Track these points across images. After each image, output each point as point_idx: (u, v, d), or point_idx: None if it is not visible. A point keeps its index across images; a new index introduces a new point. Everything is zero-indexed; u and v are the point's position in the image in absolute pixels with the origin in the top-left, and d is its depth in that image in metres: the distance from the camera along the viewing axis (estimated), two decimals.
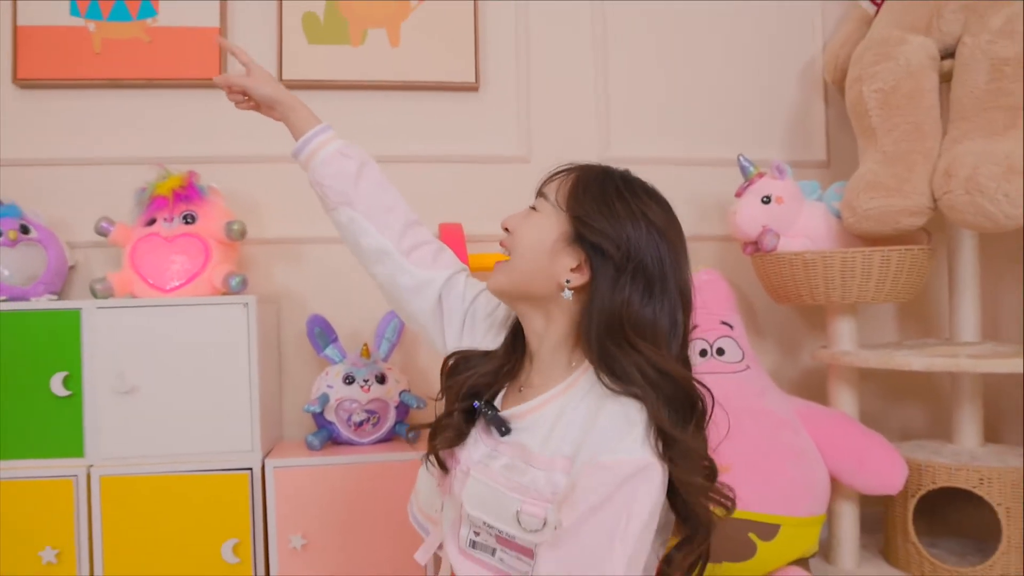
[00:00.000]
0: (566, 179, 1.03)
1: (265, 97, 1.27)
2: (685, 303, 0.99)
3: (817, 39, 2.27)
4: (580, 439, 0.92)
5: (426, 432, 1.11)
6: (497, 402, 1.06)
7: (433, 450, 1.06)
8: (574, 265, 0.98)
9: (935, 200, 1.78)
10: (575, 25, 2.18)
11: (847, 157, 2.20)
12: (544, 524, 0.91)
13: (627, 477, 0.87)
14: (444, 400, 1.10)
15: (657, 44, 2.21)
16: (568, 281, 0.98)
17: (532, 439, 0.97)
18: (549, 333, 1.02)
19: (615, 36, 2.19)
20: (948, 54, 1.90)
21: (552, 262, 0.99)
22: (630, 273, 0.95)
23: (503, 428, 1.00)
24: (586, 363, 0.99)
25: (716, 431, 1.01)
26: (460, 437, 1.05)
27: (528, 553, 0.94)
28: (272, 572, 1.68)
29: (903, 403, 2.28)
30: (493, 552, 0.99)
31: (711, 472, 0.99)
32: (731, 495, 1.01)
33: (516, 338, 1.09)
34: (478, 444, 1.04)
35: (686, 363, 1.00)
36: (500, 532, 0.96)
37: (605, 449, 0.88)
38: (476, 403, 1.04)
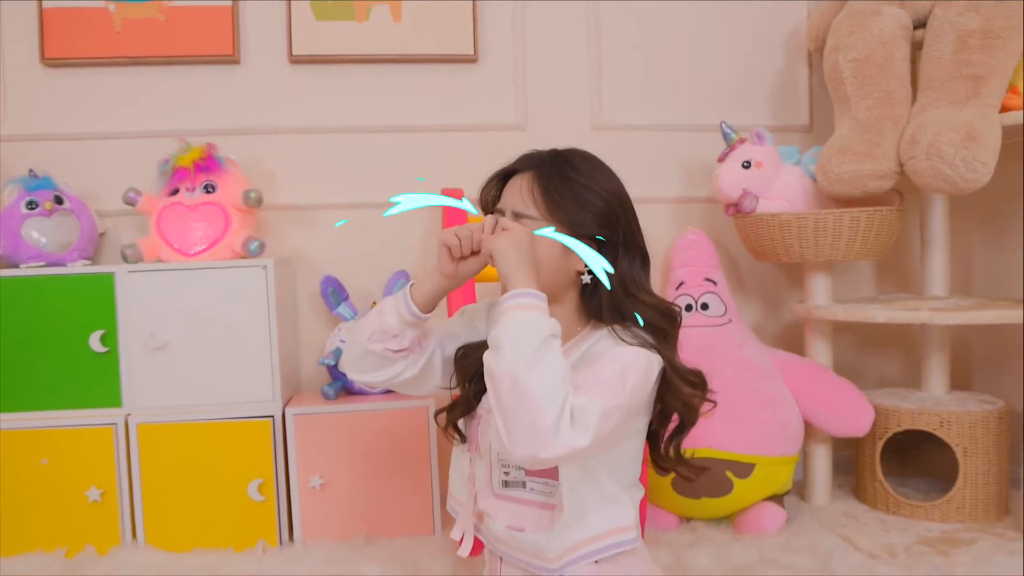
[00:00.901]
0: (529, 187, 1.12)
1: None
2: (642, 236, 1.17)
3: (801, 8, 2.36)
4: (579, 359, 1.10)
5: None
6: None
7: (452, 420, 1.22)
8: None
9: (901, 164, 1.90)
10: None
11: (829, 122, 2.28)
12: None
13: (624, 361, 1.06)
14: (456, 379, 1.24)
15: (648, 14, 2.31)
16: (586, 266, 1.11)
17: None
18: (561, 315, 1.13)
19: (608, 7, 2.29)
20: (921, 24, 2.00)
21: (567, 262, 1.13)
22: (622, 245, 1.13)
23: None
24: (590, 327, 1.16)
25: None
26: (470, 408, 1.21)
27: (553, 475, 1.10)
28: (294, 508, 1.86)
29: (879, 353, 2.42)
30: (524, 484, 1.15)
31: (701, 377, 1.17)
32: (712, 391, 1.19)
33: None
34: (487, 396, 1.17)
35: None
36: None
37: (603, 352, 1.09)
38: None
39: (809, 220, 1.95)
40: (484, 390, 1.17)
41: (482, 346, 1.19)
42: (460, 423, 1.24)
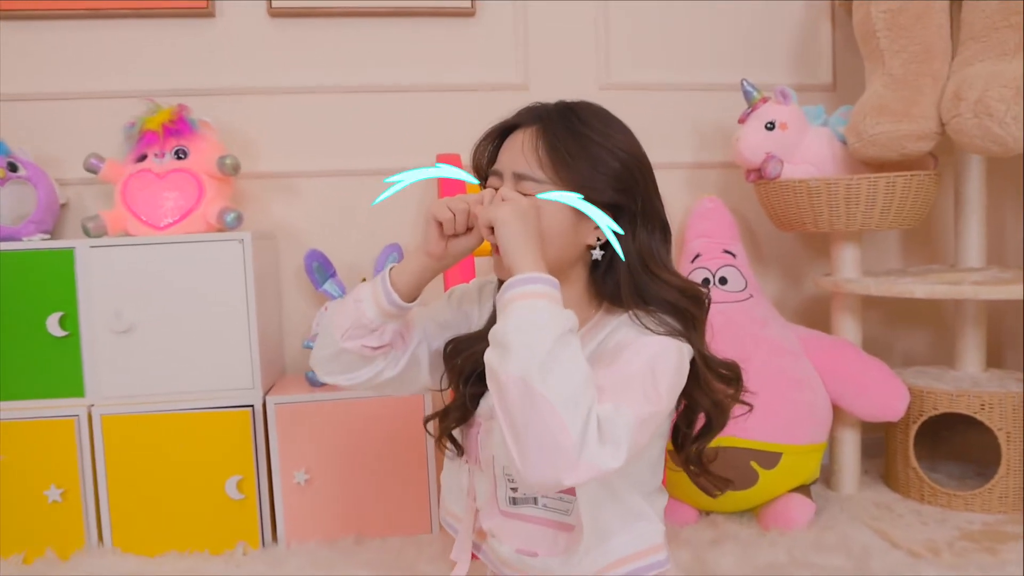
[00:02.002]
0: (531, 146, 0.94)
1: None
2: (662, 205, 1.00)
3: None
4: (596, 351, 0.93)
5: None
6: None
7: (446, 430, 1.05)
8: (595, 224, 0.94)
9: (943, 124, 1.74)
10: None
11: (854, 81, 2.14)
12: None
13: (651, 352, 0.89)
14: (448, 379, 1.06)
15: None
16: (598, 240, 0.95)
17: None
18: (568, 295, 0.96)
19: None
20: None
21: (576, 234, 0.95)
22: (640, 214, 0.95)
23: None
24: (603, 311, 0.98)
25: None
26: (467, 414, 1.03)
27: (570, 490, 0.93)
28: (277, 507, 1.70)
29: (906, 329, 2.27)
30: (535, 501, 0.98)
31: (734, 370, 1.01)
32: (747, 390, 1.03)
33: None
34: (485, 399, 1.01)
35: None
36: None
37: (624, 342, 0.91)
38: None
39: (841, 186, 1.78)
40: (482, 392, 1.00)
41: (477, 338, 1.02)
42: (455, 432, 1.06)
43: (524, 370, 0.78)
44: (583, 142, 0.93)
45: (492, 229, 0.91)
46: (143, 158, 1.81)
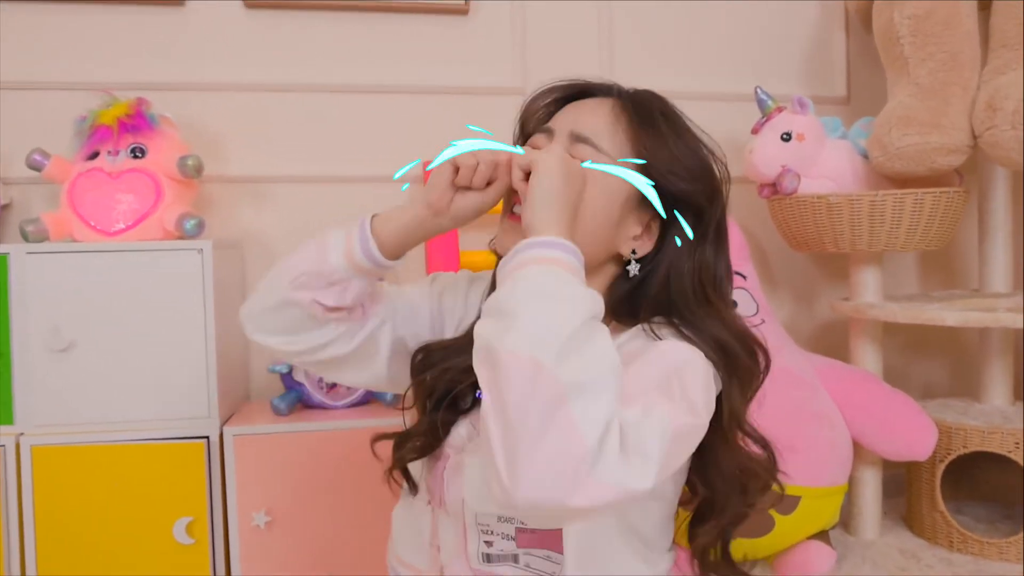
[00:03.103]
0: (609, 114, 0.80)
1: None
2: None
3: None
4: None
5: (408, 395, 0.91)
6: None
7: (399, 463, 0.87)
8: (638, 231, 0.79)
9: (975, 136, 1.61)
10: None
11: (869, 93, 2.03)
12: None
13: (672, 354, 0.74)
14: (415, 398, 0.88)
15: None
16: (634, 252, 0.79)
17: None
18: None
19: None
20: None
21: (615, 232, 0.79)
22: (715, 228, 0.81)
23: None
24: (621, 334, 0.81)
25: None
26: (434, 443, 0.85)
27: (555, 543, 0.76)
28: (232, 552, 1.49)
29: (924, 357, 2.14)
30: (516, 558, 0.80)
31: (769, 451, 0.84)
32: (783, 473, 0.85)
33: None
34: (457, 427, 0.84)
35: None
36: (521, 523, 0.77)
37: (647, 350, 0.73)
38: (480, 393, 0.83)
39: (864, 203, 1.63)
40: (455, 419, 0.82)
41: (455, 349, 0.84)
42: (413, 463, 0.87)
43: (536, 348, 0.60)
44: (676, 129, 0.80)
45: (527, 177, 0.74)
46: (95, 156, 1.61)
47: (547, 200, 0.71)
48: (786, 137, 1.73)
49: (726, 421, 0.78)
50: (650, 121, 0.79)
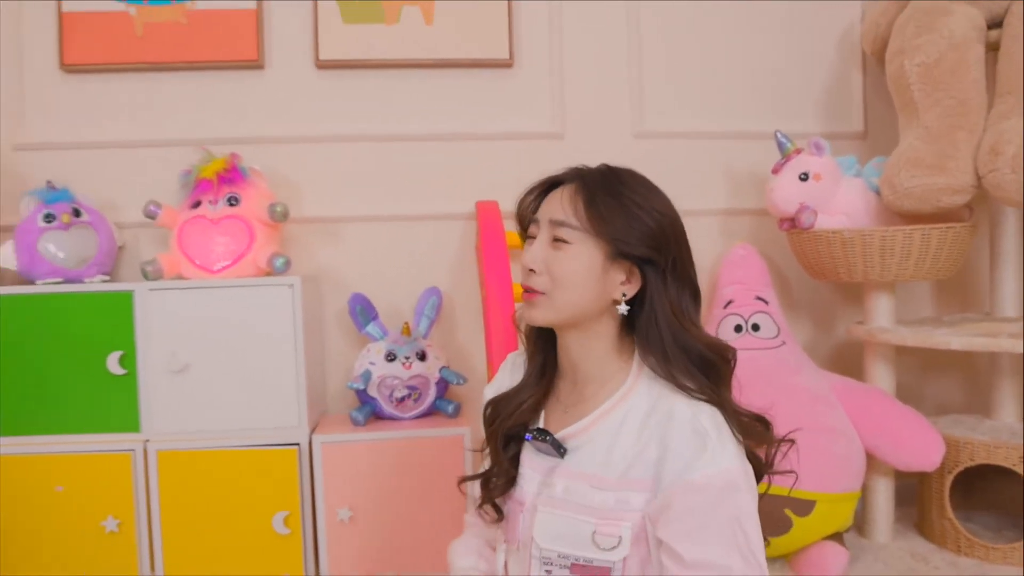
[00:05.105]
0: (571, 198, 1.00)
1: None
2: (694, 269, 1.04)
3: (855, 6, 2.22)
4: (657, 457, 0.94)
5: (467, 406, 1.12)
6: (540, 424, 1.07)
7: (488, 499, 1.08)
8: (623, 278, 0.99)
9: (979, 178, 1.75)
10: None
11: (885, 129, 2.17)
12: (620, 541, 0.94)
13: (721, 490, 0.90)
14: (488, 447, 1.11)
15: (691, 15, 2.18)
16: (624, 295, 0.99)
17: (590, 458, 0.98)
18: (596, 347, 1.02)
19: (649, 9, 2.16)
20: (996, 23, 1.85)
21: (603, 284, 0.99)
22: (671, 268, 0.98)
23: (561, 450, 1.01)
24: (633, 364, 1.01)
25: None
26: (512, 481, 1.07)
27: (604, 573, 0.96)
28: (321, 543, 1.75)
29: (940, 376, 2.27)
30: None
31: (764, 422, 1.01)
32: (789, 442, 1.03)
33: (543, 364, 1.09)
34: (531, 477, 1.05)
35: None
36: (576, 559, 0.97)
37: (688, 468, 0.91)
38: (528, 435, 1.04)
39: (875, 237, 1.80)
40: (519, 451, 1.06)
41: (507, 397, 1.08)
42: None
43: None
44: (621, 200, 0.98)
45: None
46: (198, 204, 1.90)
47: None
48: (804, 177, 1.90)
49: (729, 417, 0.97)
50: (599, 202, 0.98)
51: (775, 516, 1.71)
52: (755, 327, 1.96)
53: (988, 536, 1.86)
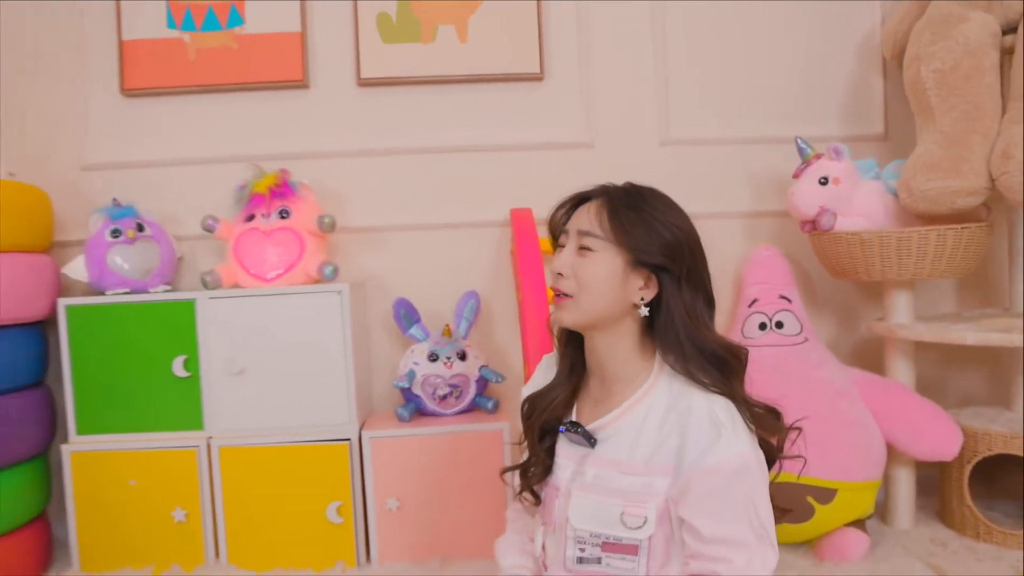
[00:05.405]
0: (597, 211, 1.11)
1: None
2: (709, 279, 1.14)
3: (875, 12, 2.29)
4: (677, 446, 1.05)
5: (505, 402, 1.22)
6: (572, 418, 1.18)
7: (527, 486, 1.20)
8: (642, 283, 1.10)
9: (992, 180, 1.82)
10: (635, 11, 2.25)
11: (906, 131, 2.22)
12: (645, 521, 1.06)
13: (734, 473, 1.01)
14: (526, 440, 1.23)
15: (715, 25, 2.27)
16: (642, 299, 1.10)
17: (618, 447, 1.10)
18: (620, 347, 1.13)
19: (674, 20, 2.26)
20: (1011, 28, 1.91)
21: (624, 289, 1.10)
22: (686, 276, 1.10)
23: (592, 440, 1.12)
24: (655, 363, 1.12)
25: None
26: (548, 470, 1.18)
27: (632, 551, 1.07)
28: (371, 531, 1.89)
29: (963, 369, 2.34)
30: (599, 561, 1.09)
31: (774, 412, 1.12)
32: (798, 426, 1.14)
33: (573, 362, 1.20)
34: (566, 465, 1.17)
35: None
36: (607, 538, 1.08)
37: (705, 454, 1.02)
38: (562, 428, 1.15)
39: (892, 238, 1.88)
40: (553, 443, 1.17)
41: (542, 394, 1.20)
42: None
43: None
44: (641, 214, 1.10)
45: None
46: (251, 218, 2.04)
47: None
48: (823, 181, 1.98)
49: (742, 408, 1.08)
50: (621, 215, 1.09)
51: (798, 503, 1.80)
52: (779, 324, 2.04)
53: (1008, 523, 1.93)
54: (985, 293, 2.32)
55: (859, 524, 1.89)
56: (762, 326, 2.06)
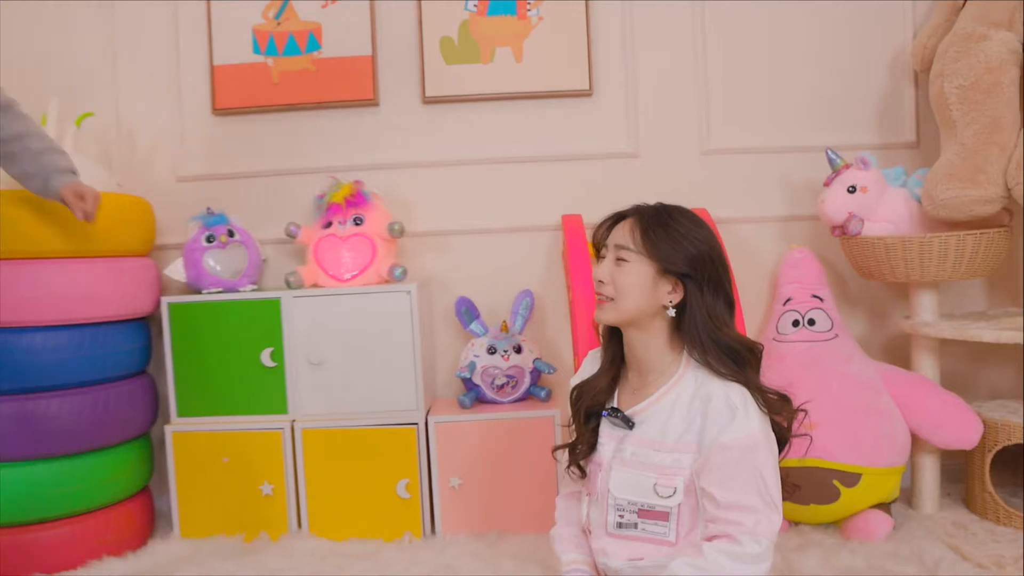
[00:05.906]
0: (631, 228, 1.29)
1: None
2: (732, 283, 1.33)
3: (908, 27, 2.41)
4: (700, 427, 1.23)
5: (556, 391, 1.40)
6: (614, 404, 1.37)
7: (574, 461, 1.39)
8: (670, 288, 1.29)
9: (1008, 189, 1.95)
10: (677, 29, 2.43)
11: (936, 138, 2.32)
12: (675, 491, 1.25)
13: (745, 449, 1.20)
14: (574, 422, 1.41)
15: (753, 39, 2.43)
16: (671, 302, 1.29)
17: (652, 429, 1.28)
18: (653, 343, 1.31)
19: (713, 36, 2.42)
20: None
21: (654, 293, 1.29)
22: (707, 282, 1.28)
23: (630, 423, 1.31)
24: (683, 357, 1.31)
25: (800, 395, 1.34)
26: (592, 447, 1.38)
27: (664, 517, 1.26)
28: (436, 506, 2.11)
29: (990, 364, 2.45)
30: (636, 526, 1.28)
31: (785, 397, 1.30)
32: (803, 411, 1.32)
33: (613, 355, 1.38)
34: (607, 444, 1.35)
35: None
36: (643, 505, 1.28)
37: (721, 433, 1.21)
38: (604, 412, 1.34)
39: (914, 243, 2.03)
40: (597, 426, 1.36)
41: (587, 383, 1.40)
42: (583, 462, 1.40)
43: None
44: (668, 230, 1.29)
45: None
46: (329, 225, 2.27)
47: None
48: (851, 190, 2.14)
49: (753, 394, 1.26)
50: (651, 231, 1.28)
51: (824, 486, 1.96)
52: (811, 322, 2.20)
53: None
54: (1015, 292, 2.43)
55: (884, 507, 2.04)
56: (795, 323, 2.21)
